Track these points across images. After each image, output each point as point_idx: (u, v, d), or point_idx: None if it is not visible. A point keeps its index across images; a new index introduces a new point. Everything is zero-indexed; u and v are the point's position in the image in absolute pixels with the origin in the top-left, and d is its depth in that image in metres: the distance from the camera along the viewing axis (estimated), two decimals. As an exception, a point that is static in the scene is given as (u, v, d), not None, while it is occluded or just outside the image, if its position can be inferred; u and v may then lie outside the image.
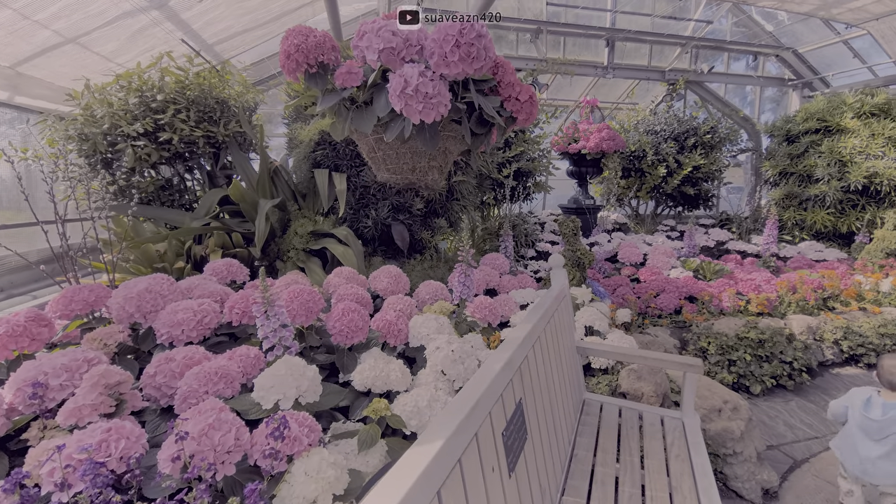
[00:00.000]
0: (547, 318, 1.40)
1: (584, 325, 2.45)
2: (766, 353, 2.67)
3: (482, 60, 1.06)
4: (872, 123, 4.37)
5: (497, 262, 3.11)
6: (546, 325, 1.40)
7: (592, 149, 5.10)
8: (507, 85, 1.45)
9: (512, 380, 0.92)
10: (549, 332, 1.43)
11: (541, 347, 1.28)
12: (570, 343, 1.69)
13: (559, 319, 1.60)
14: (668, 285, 3.45)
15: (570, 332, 1.71)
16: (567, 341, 1.65)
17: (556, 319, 1.57)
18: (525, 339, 1.08)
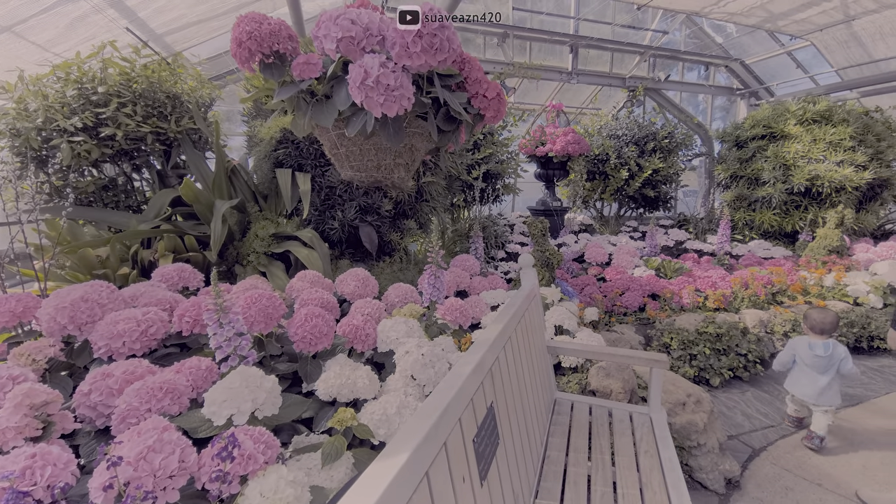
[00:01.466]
0: (517, 318, 1.38)
1: (554, 324, 2.47)
2: (723, 346, 2.79)
3: (445, 52, 1.02)
4: (814, 129, 4.71)
5: (467, 264, 3.09)
6: (517, 326, 1.38)
7: (559, 152, 5.20)
8: (474, 81, 1.42)
9: (483, 383, 0.88)
10: (519, 333, 1.41)
11: (512, 348, 1.26)
12: (540, 342, 1.68)
13: (530, 319, 1.59)
14: (633, 284, 3.55)
15: (540, 332, 1.70)
16: (538, 341, 1.64)
17: (527, 319, 1.55)
18: (496, 340, 1.04)
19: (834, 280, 3.73)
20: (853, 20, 4.37)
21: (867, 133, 4.66)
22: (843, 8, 4.19)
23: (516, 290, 3.34)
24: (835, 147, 4.48)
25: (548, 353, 1.73)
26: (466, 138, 1.53)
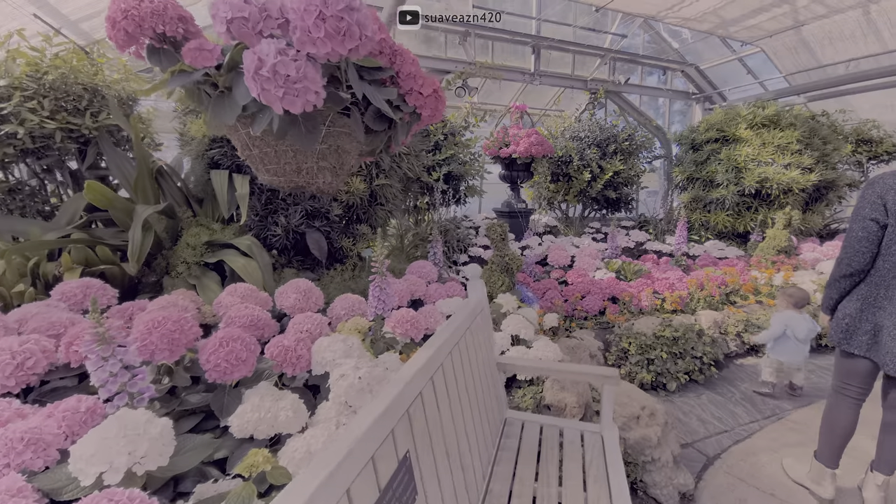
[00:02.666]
0: (456, 338, 1.25)
1: (511, 333, 2.37)
2: (679, 349, 2.79)
3: (356, 39, 0.88)
4: (763, 133, 4.89)
5: (424, 271, 2.95)
6: (456, 346, 1.25)
7: (522, 153, 5.15)
8: (407, 76, 1.29)
9: (394, 431, 0.75)
10: (461, 352, 1.29)
11: (446, 375, 1.13)
12: (488, 360, 1.57)
13: (475, 336, 1.47)
14: (594, 287, 3.52)
15: (488, 349, 1.59)
16: (485, 358, 1.53)
17: (471, 337, 1.43)
18: (418, 374, 0.91)
19: (783, 279, 3.85)
20: (802, 26, 4.56)
21: (813, 136, 4.88)
22: (792, 14, 4.35)
23: (476, 296, 3.23)
24: (783, 150, 4.66)
25: (497, 370, 1.62)
26: (403, 139, 1.39)
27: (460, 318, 1.37)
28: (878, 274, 1.54)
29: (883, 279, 1.53)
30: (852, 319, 1.60)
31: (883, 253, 1.53)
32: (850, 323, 1.60)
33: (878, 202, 1.50)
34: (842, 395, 1.66)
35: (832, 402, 1.70)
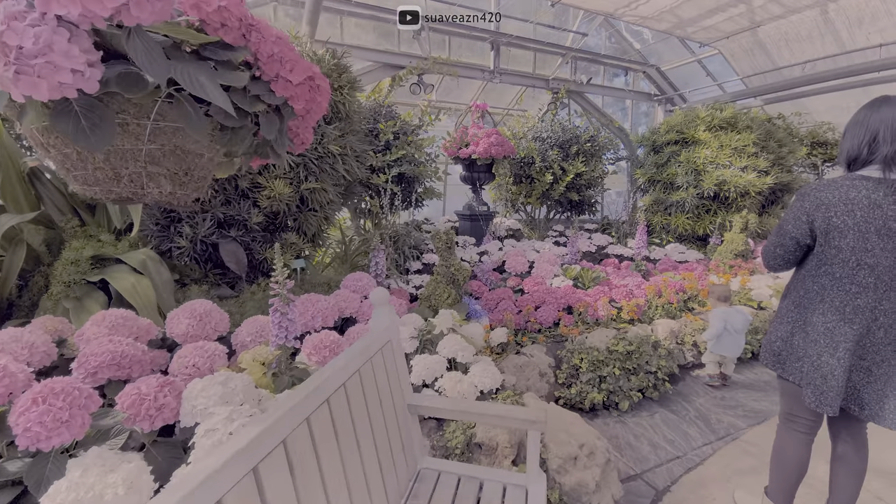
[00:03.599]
0: (338, 382, 1.00)
1: (448, 356, 2.13)
2: (633, 365, 2.63)
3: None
4: (721, 136, 4.86)
5: (360, 284, 2.68)
6: (341, 390, 0.99)
7: (481, 154, 4.95)
8: (269, 59, 1.02)
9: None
10: (349, 398, 1.03)
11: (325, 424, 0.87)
12: (396, 401, 1.32)
13: (375, 375, 1.21)
14: (549, 296, 3.33)
15: (396, 388, 1.34)
16: (390, 400, 1.28)
17: (370, 376, 1.18)
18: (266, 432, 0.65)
19: (739, 285, 3.79)
20: (759, 27, 4.54)
21: (769, 139, 4.88)
22: (749, 14, 4.32)
23: (422, 307, 2.98)
24: (739, 153, 4.63)
25: (409, 413, 1.37)
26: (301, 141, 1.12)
27: (348, 358, 1.11)
28: (808, 297, 1.38)
29: (811, 302, 1.37)
30: (784, 344, 1.43)
31: (812, 274, 1.37)
32: (781, 347, 1.44)
33: (804, 220, 1.33)
34: (789, 427, 1.50)
35: (780, 434, 1.54)
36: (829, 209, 1.27)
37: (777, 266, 1.46)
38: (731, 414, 2.51)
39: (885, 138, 1.23)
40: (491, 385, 1.97)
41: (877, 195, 1.21)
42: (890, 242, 1.22)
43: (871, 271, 1.25)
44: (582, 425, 1.73)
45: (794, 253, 1.40)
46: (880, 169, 1.23)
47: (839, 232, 1.26)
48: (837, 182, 1.29)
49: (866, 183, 1.24)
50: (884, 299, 1.26)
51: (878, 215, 1.21)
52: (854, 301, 1.29)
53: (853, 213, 1.23)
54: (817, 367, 1.33)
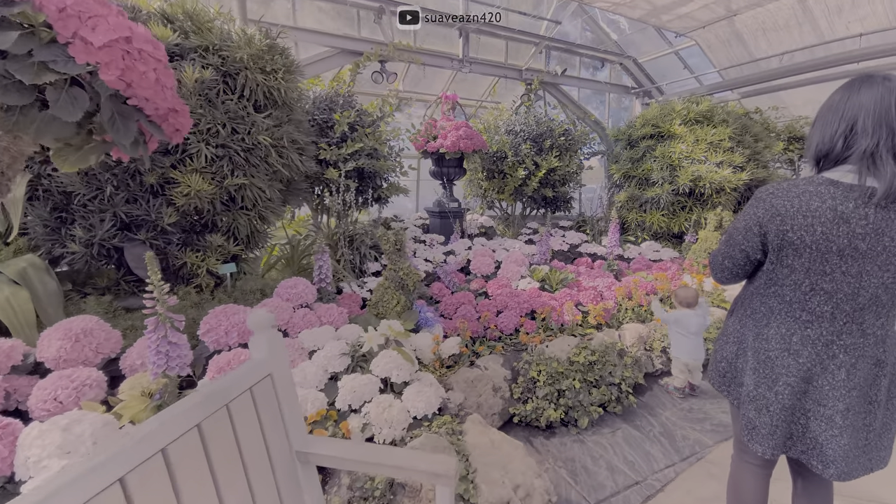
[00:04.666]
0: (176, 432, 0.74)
1: (382, 375, 1.89)
2: (595, 377, 2.43)
3: None
4: (696, 130, 4.69)
5: (296, 291, 2.41)
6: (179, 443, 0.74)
7: (449, 148, 4.69)
8: (61, 13, 0.75)
9: None
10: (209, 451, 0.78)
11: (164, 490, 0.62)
12: (280, 451, 1.07)
13: (242, 419, 0.96)
14: (512, 300, 3.12)
15: (281, 433, 1.09)
16: (273, 450, 1.03)
17: (244, 420, 0.93)
18: None
19: (712, 285, 3.63)
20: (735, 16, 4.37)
21: (745, 133, 4.74)
22: (725, 2, 4.13)
23: (370, 314, 2.73)
24: (715, 148, 4.47)
25: (299, 461, 1.12)
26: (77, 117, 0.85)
27: (205, 394, 0.86)
28: (754, 318, 1.18)
29: (756, 324, 1.17)
30: (728, 365, 1.24)
31: (761, 293, 1.16)
32: (726, 368, 1.25)
33: (755, 231, 1.10)
34: (743, 459, 1.31)
35: (735, 466, 1.35)
36: (784, 221, 1.03)
37: (724, 279, 1.24)
38: (697, 429, 2.33)
39: (865, 128, 0.97)
40: (425, 409, 1.74)
41: (845, 206, 0.96)
42: (854, 266, 0.98)
43: (829, 298, 1.03)
44: (522, 460, 1.51)
45: (744, 267, 1.18)
46: (855, 170, 0.98)
47: (794, 250, 1.03)
48: (799, 187, 1.03)
49: (834, 190, 0.99)
50: (843, 333, 1.04)
51: (842, 232, 0.97)
52: (803, 331, 1.08)
53: (812, 228, 0.99)
54: (753, 398, 1.15)
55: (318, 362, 1.90)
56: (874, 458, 1.08)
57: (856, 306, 1.02)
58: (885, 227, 0.95)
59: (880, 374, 1.05)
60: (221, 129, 2.27)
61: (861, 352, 1.04)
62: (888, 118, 0.95)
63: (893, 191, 0.92)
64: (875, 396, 1.06)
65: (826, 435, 1.06)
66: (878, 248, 0.96)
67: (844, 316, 1.03)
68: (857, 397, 1.04)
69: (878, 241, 0.95)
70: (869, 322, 1.03)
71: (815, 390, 1.08)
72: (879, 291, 0.99)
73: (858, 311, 1.02)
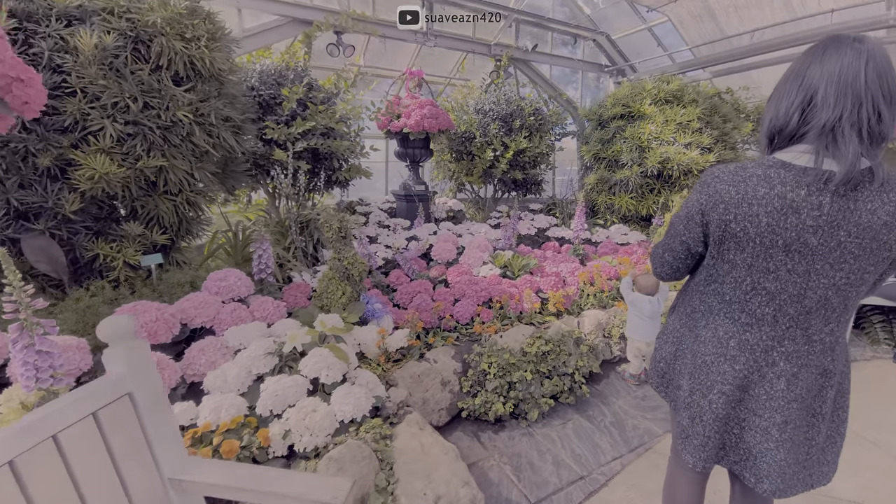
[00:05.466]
0: None
1: (312, 375, 1.75)
2: (548, 367, 2.35)
3: None
4: (666, 110, 4.58)
5: (226, 284, 2.23)
6: None
7: (413, 127, 4.47)
8: None
9: None
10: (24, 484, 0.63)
11: None
12: (147, 481, 0.92)
13: (81, 458, 0.81)
14: (470, 288, 3.00)
15: (147, 460, 0.94)
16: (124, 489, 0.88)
17: (60, 465, 0.78)
18: None
19: (675, 270, 3.59)
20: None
21: (714, 114, 4.66)
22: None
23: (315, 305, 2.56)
24: (684, 128, 4.38)
25: (174, 491, 0.98)
26: None
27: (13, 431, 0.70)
28: (693, 317, 1.07)
29: (695, 325, 1.06)
30: (667, 366, 1.14)
31: (700, 290, 1.04)
32: (665, 369, 1.15)
33: (697, 220, 0.97)
34: (679, 464, 1.24)
35: (671, 468, 1.28)
36: (727, 210, 0.90)
37: (665, 274, 1.12)
38: (649, 417, 2.30)
39: (826, 99, 0.81)
40: (354, 412, 1.62)
41: (796, 194, 0.83)
42: (801, 263, 0.86)
43: (771, 299, 0.91)
44: (449, 466, 1.40)
45: (685, 261, 1.06)
46: (811, 150, 0.83)
47: (736, 243, 0.91)
48: (746, 170, 0.89)
49: (784, 174, 0.84)
50: (786, 339, 0.93)
51: (791, 224, 0.84)
52: (742, 334, 0.96)
53: (757, 218, 0.86)
54: (687, 404, 1.05)
55: (240, 363, 1.74)
56: (815, 473, 0.99)
57: (801, 309, 0.90)
58: (842, 220, 0.81)
59: (826, 386, 0.95)
60: (132, 103, 2.02)
61: (805, 360, 0.93)
62: (855, 86, 0.78)
63: (854, 175, 0.78)
64: (819, 409, 0.96)
65: (761, 448, 0.97)
66: (832, 243, 0.82)
67: (788, 320, 0.91)
68: (797, 409, 0.94)
69: (832, 236, 0.82)
70: (816, 328, 0.91)
71: (751, 399, 0.98)
72: (829, 293, 0.87)
73: (804, 314, 0.90)
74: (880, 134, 0.79)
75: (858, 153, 0.78)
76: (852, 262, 0.83)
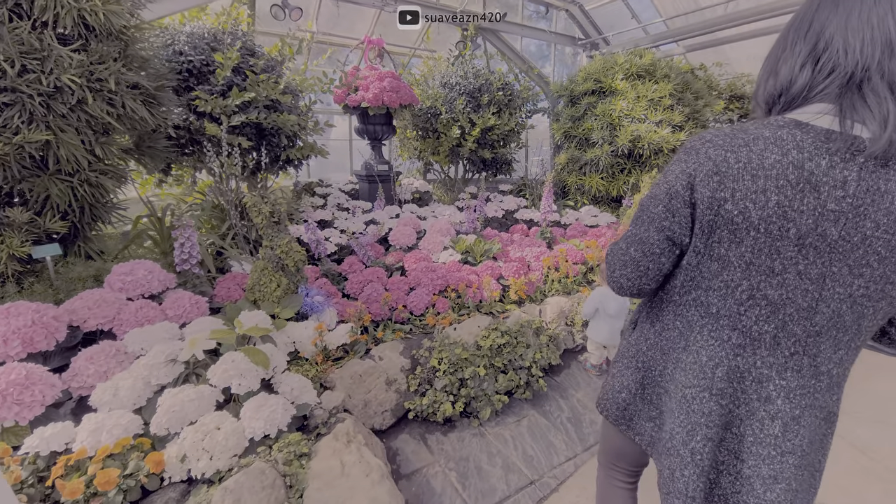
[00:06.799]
0: None
1: (223, 385, 1.52)
2: (504, 361, 2.19)
3: None
4: (638, 85, 4.39)
5: (133, 279, 1.95)
6: None
7: (371, 101, 4.14)
8: None
9: None
10: None
11: None
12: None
13: None
14: (426, 276, 2.80)
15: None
16: None
17: None
18: None
19: (643, 253, 3.48)
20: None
21: (686, 90, 4.50)
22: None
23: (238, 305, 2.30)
24: (655, 105, 4.21)
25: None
26: None
27: None
28: (666, 337, 0.83)
29: (671, 348, 0.82)
30: (632, 397, 0.91)
31: (675, 301, 0.79)
32: (628, 401, 0.92)
33: (684, 196, 0.69)
34: (610, 477, 1.10)
35: (601, 483, 1.14)
36: (723, 184, 0.65)
37: (628, 280, 0.82)
38: (608, 412, 2.18)
39: (849, 45, 0.59)
40: (266, 428, 1.40)
41: (816, 164, 0.60)
42: (817, 263, 0.63)
43: (773, 313, 0.68)
44: (367, 493, 1.22)
45: (660, 259, 0.77)
46: (834, 110, 0.61)
47: (731, 232, 0.66)
48: (748, 132, 0.65)
49: (802, 136, 0.62)
50: (788, 368, 0.70)
51: (809, 206, 0.61)
52: (732, 360, 0.73)
53: (764, 195, 0.62)
54: (668, 450, 0.82)
55: (136, 373, 1.50)
56: None
57: (810, 329, 0.67)
58: (870, 205, 0.59)
59: (829, 434, 0.75)
60: (9, 67, 1.68)
61: (810, 399, 0.70)
62: (884, 29, 0.57)
63: (892, 145, 0.57)
64: (819, 464, 0.76)
65: (737, 499, 0.76)
66: (856, 237, 0.61)
67: (792, 342, 0.68)
68: (793, 466, 0.71)
69: (857, 227, 0.61)
70: (825, 355, 0.69)
71: (733, 439, 0.75)
72: (843, 308, 0.65)
73: (813, 336, 0.68)
74: None
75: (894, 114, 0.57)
76: (875, 267, 0.62)
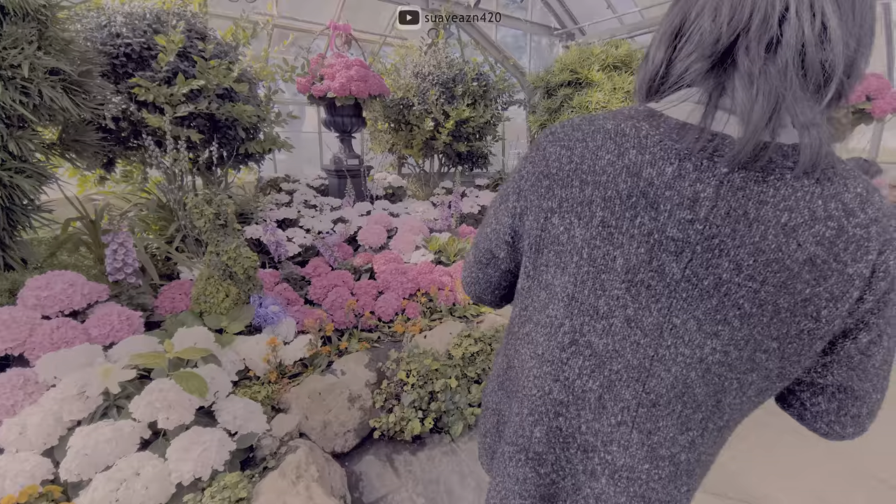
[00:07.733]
0: None
1: (148, 420, 1.32)
2: (478, 370, 2.05)
3: None
4: (614, 77, 4.30)
5: (50, 294, 1.70)
6: None
7: (338, 91, 3.90)
8: None
9: None
10: None
11: None
12: None
13: None
14: (396, 279, 2.62)
15: None
16: None
17: None
18: None
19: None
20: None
21: (662, 84, 4.43)
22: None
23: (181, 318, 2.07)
24: (631, 97, 4.12)
25: None
26: None
27: None
28: (508, 375, 0.64)
29: (513, 387, 0.63)
30: (494, 442, 0.69)
31: (515, 331, 0.61)
32: (491, 446, 0.70)
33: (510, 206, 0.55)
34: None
35: None
36: (551, 190, 0.49)
37: (474, 296, 0.68)
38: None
39: (720, 8, 0.40)
40: (198, 470, 1.21)
41: (659, 170, 0.43)
42: (651, 309, 0.46)
43: (598, 368, 0.50)
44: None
45: (490, 280, 0.64)
46: (699, 94, 0.43)
47: (558, 252, 0.49)
48: (594, 122, 0.48)
49: (648, 131, 0.44)
50: (613, 441, 0.51)
51: (642, 229, 0.44)
52: (552, 420, 0.54)
53: (590, 209, 0.46)
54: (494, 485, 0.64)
55: (46, 407, 1.28)
56: None
57: (642, 397, 0.48)
58: (730, 236, 0.41)
59: None
60: None
61: (641, 489, 0.51)
62: None
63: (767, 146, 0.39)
64: None
65: None
66: (706, 280, 0.43)
67: (620, 409, 0.50)
68: None
69: (709, 267, 0.42)
70: (665, 435, 0.49)
71: None
72: (692, 376, 0.46)
73: (647, 406, 0.48)
74: (824, 69, 0.37)
75: (778, 101, 0.38)
76: (737, 326, 0.43)
